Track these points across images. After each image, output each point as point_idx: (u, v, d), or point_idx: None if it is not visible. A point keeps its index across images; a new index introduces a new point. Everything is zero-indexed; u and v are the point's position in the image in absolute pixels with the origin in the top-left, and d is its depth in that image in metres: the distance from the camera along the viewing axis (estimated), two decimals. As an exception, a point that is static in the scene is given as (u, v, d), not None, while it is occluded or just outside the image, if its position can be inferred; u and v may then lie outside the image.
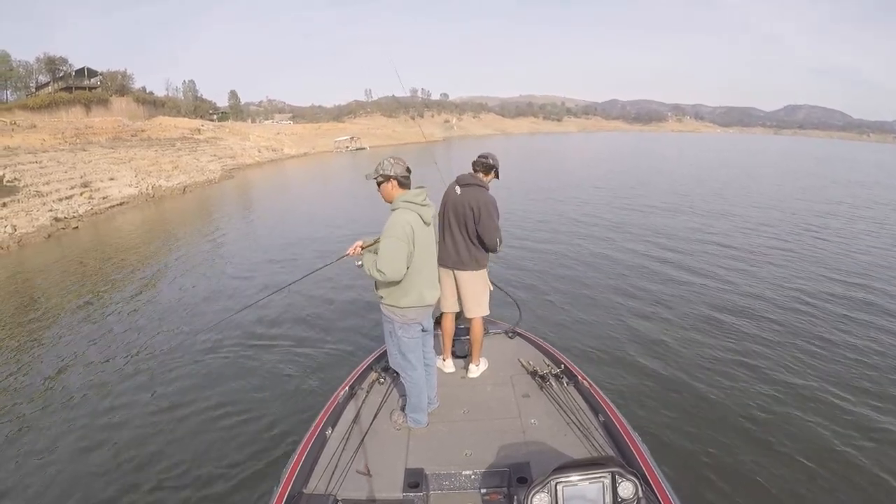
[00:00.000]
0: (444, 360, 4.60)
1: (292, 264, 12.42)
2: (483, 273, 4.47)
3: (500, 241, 4.33)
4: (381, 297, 3.58)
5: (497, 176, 4.50)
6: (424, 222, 3.48)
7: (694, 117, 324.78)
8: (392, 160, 3.51)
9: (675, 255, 12.48)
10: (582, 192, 24.04)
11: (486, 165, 4.38)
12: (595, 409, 3.73)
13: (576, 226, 16.34)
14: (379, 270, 3.32)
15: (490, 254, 4.46)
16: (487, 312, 4.49)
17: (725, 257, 12.38)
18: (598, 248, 13.38)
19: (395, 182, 3.49)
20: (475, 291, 4.44)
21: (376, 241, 3.57)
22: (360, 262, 3.56)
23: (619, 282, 10.49)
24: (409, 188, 3.54)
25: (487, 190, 4.34)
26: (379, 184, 3.54)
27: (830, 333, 7.88)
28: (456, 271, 4.43)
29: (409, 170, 3.54)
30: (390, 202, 3.53)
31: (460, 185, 4.34)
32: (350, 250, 3.71)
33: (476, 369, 4.48)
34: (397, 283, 3.43)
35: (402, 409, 3.76)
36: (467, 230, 4.30)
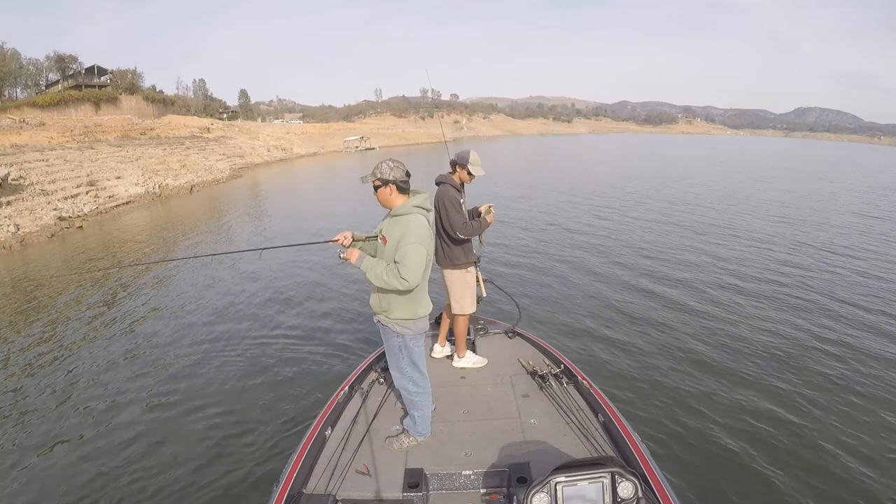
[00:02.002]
0: (440, 346, 4.85)
1: (300, 261, 12.26)
2: (462, 273, 4.59)
3: (463, 233, 4.38)
4: (387, 314, 3.38)
5: (469, 172, 4.48)
6: (430, 227, 3.40)
7: (704, 119, 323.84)
8: (391, 163, 3.29)
9: (680, 258, 12.29)
10: (585, 194, 23.76)
11: (451, 163, 4.55)
12: (595, 409, 3.73)
13: (578, 227, 16.18)
14: (403, 278, 3.09)
15: (476, 252, 4.64)
16: (468, 311, 4.61)
17: (733, 261, 12.09)
18: (599, 249, 13.25)
19: (393, 187, 3.28)
20: (454, 289, 4.61)
21: (369, 238, 3.50)
22: (343, 255, 3.35)
23: (619, 283, 10.41)
24: (408, 193, 3.34)
25: (450, 185, 4.45)
26: (376, 188, 3.32)
27: (838, 339, 7.69)
28: (443, 269, 4.66)
29: (408, 174, 3.32)
30: (389, 208, 3.34)
31: (436, 185, 4.55)
32: (339, 237, 3.44)
33: (459, 360, 4.64)
34: (407, 293, 3.26)
35: (403, 431, 3.58)
36: (442, 228, 4.45)
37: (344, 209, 20.99)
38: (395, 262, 3.15)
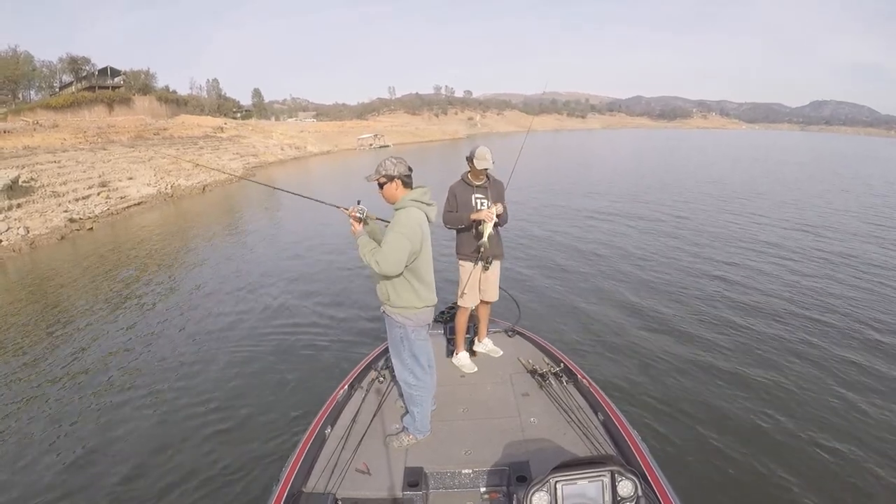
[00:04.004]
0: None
1: (306, 262, 12.26)
2: (460, 262, 4.65)
3: (443, 220, 4.40)
4: (390, 303, 3.44)
5: (471, 166, 4.49)
6: (430, 221, 3.46)
7: (719, 113, 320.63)
8: (394, 160, 3.43)
9: (680, 256, 12.04)
10: (589, 192, 22.99)
11: (466, 159, 4.56)
12: (594, 407, 3.72)
13: (578, 225, 15.86)
14: (376, 261, 3.21)
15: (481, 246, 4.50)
16: (460, 304, 4.65)
17: (735, 257, 11.84)
18: (600, 247, 13.03)
19: (398, 182, 3.40)
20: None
21: (374, 220, 3.64)
22: (360, 214, 3.47)
23: (620, 281, 10.26)
24: (412, 187, 3.45)
25: (461, 179, 4.57)
26: (381, 185, 3.44)
27: (840, 339, 7.50)
28: None
29: (410, 169, 3.44)
30: (393, 203, 3.44)
31: None
32: (351, 209, 3.52)
33: (456, 358, 4.62)
34: (394, 279, 3.34)
35: (403, 429, 3.58)
36: None
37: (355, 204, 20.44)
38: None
